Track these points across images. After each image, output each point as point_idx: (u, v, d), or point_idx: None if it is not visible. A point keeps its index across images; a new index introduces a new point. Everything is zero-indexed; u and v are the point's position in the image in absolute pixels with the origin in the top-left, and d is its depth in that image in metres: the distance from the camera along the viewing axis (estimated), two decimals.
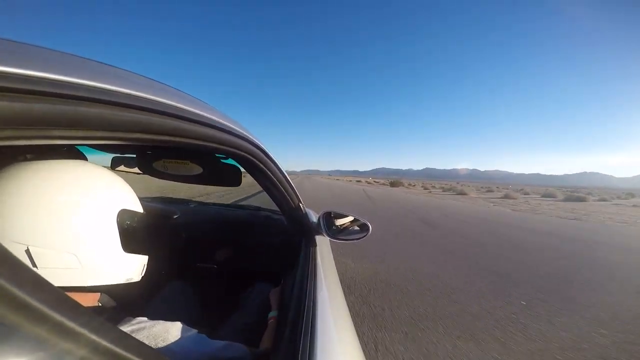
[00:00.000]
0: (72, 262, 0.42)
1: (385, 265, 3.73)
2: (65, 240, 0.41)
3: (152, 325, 0.51)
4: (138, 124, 0.35)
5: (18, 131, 0.24)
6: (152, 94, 0.37)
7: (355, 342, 0.72)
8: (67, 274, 0.43)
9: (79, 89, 0.27)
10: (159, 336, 0.50)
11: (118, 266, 0.49)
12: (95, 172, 0.48)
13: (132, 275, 0.53)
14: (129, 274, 0.52)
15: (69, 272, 0.43)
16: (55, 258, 0.41)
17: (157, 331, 0.50)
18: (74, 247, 0.42)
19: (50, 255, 0.40)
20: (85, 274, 0.44)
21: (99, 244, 0.45)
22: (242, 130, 0.60)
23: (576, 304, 2.89)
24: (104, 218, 0.46)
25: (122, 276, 0.51)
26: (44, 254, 0.40)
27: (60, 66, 0.27)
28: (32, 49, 0.29)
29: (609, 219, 10.48)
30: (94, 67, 0.33)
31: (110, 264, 0.48)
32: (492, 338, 2.16)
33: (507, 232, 6.75)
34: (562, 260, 4.46)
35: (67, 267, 0.42)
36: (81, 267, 0.43)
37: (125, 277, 0.51)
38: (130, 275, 0.52)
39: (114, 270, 0.49)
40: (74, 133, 0.29)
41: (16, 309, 0.22)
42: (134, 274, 0.53)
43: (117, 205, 0.48)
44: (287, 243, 1.32)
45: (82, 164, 0.48)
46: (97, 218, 0.45)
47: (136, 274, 0.54)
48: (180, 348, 0.51)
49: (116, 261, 0.49)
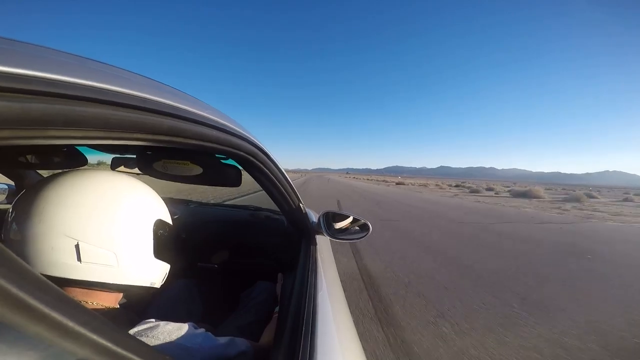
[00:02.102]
0: (112, 259, 0.48)
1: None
2: (109, 240, 0.47)
3: (165, 324, 0.53)
4: (138, 124, 0.34)
5: (17, 131, 0.24)
6: (152, 94, 0.36)
7: (356, 341, 0.72)
8: (105, 271, 0.48)
9: (78, 89, 0.27)
10: (172, 333, 0.52)
11: (148, 269, 0.55)
12: (139, 186, 0.56)
13: (156, 281, 0.58)
14: (153, 278, 0.57)
15: (106, 269, 0.48)
16: (99, 254, 0.46)
17: (170, 329, 0.53)
18: (115, 246, 0.48)
19: (95, 252, 0.46)
20: (119, 272, 0.49)
21: (136, 246, 0.51)
22: (242, 130, 0.60)
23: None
24: (143, 224, 0.53)
25: (148, 280, 0.56)
26: (90, 250, 0.45)
27: (58, 65, 0.27)
28: (30, 48, 0.29)
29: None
30: (94, 67, 0.33)
31: (142, 266, 0.53)
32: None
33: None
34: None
35: (106, 264, 0.47)
36: (118, 266, 0.49)
37: (150, 281, 0.56)
38: (154, 280, 0.58)
39: (144, 273, 0.54)
40: (73, 133, 0.28)
41: (16, 308, 0.22)
42: (157, 280, 0.59)
43: (154, 214, 0.56)
44: (287, 243, 1.32)
45: (127, 176, 0.55)
46: (137, 223, 0.52)
47: (159, 280, 0.60)
48: (191, 344, 0.53)
49: (147, 264, 0.54)
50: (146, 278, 0.55)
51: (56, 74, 0.26)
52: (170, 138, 0.41)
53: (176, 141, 0.42)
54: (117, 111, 0.31)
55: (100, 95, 0.29)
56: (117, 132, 0.33)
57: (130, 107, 0.33)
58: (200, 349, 0.54)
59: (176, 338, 0.52)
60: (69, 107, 0.26)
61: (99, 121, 0.30)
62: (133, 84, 0.35)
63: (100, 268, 0.47)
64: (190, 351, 0.52)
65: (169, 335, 0.51)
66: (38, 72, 0.24)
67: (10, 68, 0.23)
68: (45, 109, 0.25)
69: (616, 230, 7.78)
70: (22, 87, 0.23)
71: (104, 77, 0.31)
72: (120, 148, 0.90)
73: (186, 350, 0.51)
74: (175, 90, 0.47)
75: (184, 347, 0.52)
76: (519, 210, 11.91)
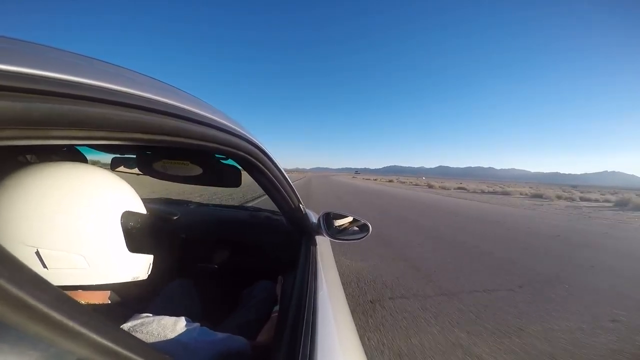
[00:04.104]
0: (80, 262, 0.44)
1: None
2: (72, 242, 0.43)
3: (160, 319, 0.52)
4: (138, 124, 0.34)
5: (18, 131, 0.24)
6: (153, 93, 0.36)
7: (356, 341, 0.72)
8: (77, 274, 0.44)
9: (79, 88, 0.27)
10: (167, 328, 0.52)
11: (124, 265, 0.51)
12: (98, 175, 0.49)
13: (139, 274, 0.55)
14: (135, 272, 0.54)
15: (78, 272, 0.44)
16: (64, 259, 0.42)
17: (165, 323, 0.52)
18: (81, 248, 0.44)
19: (59, 257, 0.42)
20: (93, 273, 0.46)
21: (104, 244, 0.47)
22: (242, 130, 0.59)
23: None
24: (109, 220, 0.48)
25: (129, 275, 0.53)
26: (53, 255, 0.41)
27: (61, 65, 0.27)
28: (31, 47, 0.29)
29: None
30: (94, 66, 0.33)
31: (116, 263, 0.49)
32: None
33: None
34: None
35: (75, 267, 0.44)
36: (89, 267, 0.45)
37: (131, 275, 0.53)
38: (136, 273, 0.54)
39: (121, 270, 0.51)
40: (74, 133, 0.28)
41: (16, 308, 0.22)
42: (140, 272, 0.55)
43: (120, 207, 0.50)
44: (287, 243, 1.32)
45: (85, 167, 0.49)
46: (102, 220, 0.47)
47: (142, 272, 0.56)
48: (187, 338, 0.53)
49: (122, 261, 0.50)
50: (126, 274, 0.52)
51: (59, 73, 0.26)
52: (172, 138, 0.41)
53: (177, 141, 0.42)
54: (119, 111, 0.31)
55: (102, 95, 0.29)
56: (119, 132, 0.33)
57: (132, 107, 0.32)
58: (195, 343, 0.53)
59: (171, 333, 0.51)
60: (71, 106, 0.26)
61: (101, 121, 0.29)
62: (135, 84, 0.35)
63: (71, 272, 0.44)
64: (186, 345, 0.51)
65: (164, 330, 0.51)
66: (41, 72, 0.24)
67: (12, 67, 0.22)
68: (47, 109, 0.24)
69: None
70: (24, 87, 0.23)
71: (106, 76, 0.31)
72: (120, 148, 0.90)
73: (182, 345, 0.51)
74: (177, 89, 0.46)
75: (179, 342, 0.51)
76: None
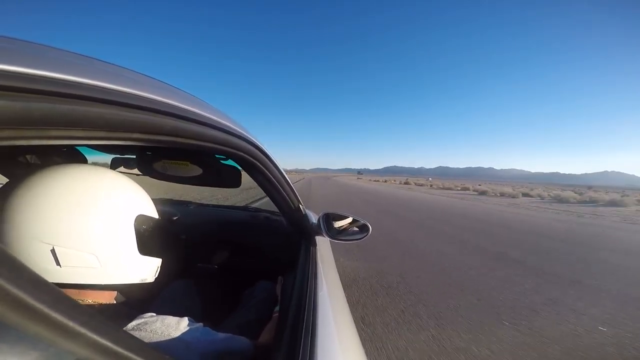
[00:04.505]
0: (93, 262, 0.46)
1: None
2: (87, 242, 0.45)
3: (164, 319, 0.53)
4: (138, 124, 0.34)
5: (17, 131, 0.24)
6: (153, 93, 0.36)
7: (356, 341, 0.72)
8: (88, 273, 0.46)
9: (78, 88, 0.27)
10: (171, 327, 0.52)
11: (134, 267, 0.53)
12: (115, 179, 0.52)
13: (147, 276, 0.57)
14: (143, 275, 0.55)
15: (89, 271, 0.46)
16: (78, 258, 0.44)
17: (169, 322, 0.53)
18: (94, 248, 0.45)
19: (73, 255, 0.44)
20: (104, 273, 0.48)
21: (117, 246, 0.49)
22: (242, 130, 0.59)
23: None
24: (123, 222, 0.50)
25: (137, 277, 0.54)
26: (68, 253, 0.43)
27: (61, 64, 0.27)
28: (31, 47, 0.28)
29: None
30: (94, 66, 0.33)
31: (126, 265, 0.51)
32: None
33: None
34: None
35: (88, 266, 0.45)
36: (101, 267, 0.47)
37: (140, 277, 0.55)
38: (144, 276, 0.56)
39: (130, 271, 0.52)
40: (73, 133, 0.28)
41: (16, 308, 0.22)
42: (148, 275, 0.57)
43: (134, 210, 0.52)
44: (287, 244, 1.31)
45: (104, 170, 0.52)
46: (116, 222, 0.48)
47: (150, 275, 0.58)
48: (190, 337, 0.53)
49: (132, 263, 0.52)
50: (134, 276, 0.53)
51: (59, 73, 0.26)
52: (171, 138, 0.41)
53: (177, 141, 0.42)
54: (119, 111, 0.31)
55: (102, 95, 0.29)
56: (119, 132, 0.33)
57: (132, 107, 0.32)
58: (198, 342, 0.54)
59: (174, 332, 0.51)
60: (71, 106, 0.26)
61: (101, 121, 0.29)
62: (136, 84, 0.34)
63: (83, 271, 0.45)
64: (188, 345, 0.52)
65: (167, 329, 0.51)
66: (40, 71, 0.24)
67: (12, 67, 0.22)
68: (47, 109, 0.24)
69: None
70: (24, 86, 0.23)
71: (107, 76, 0.31)
72: (120, 148, 0.90)
73: (184, 344, 0.51)
74: (177, 89, 0.46)
75: (182, 341, 0.51)
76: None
